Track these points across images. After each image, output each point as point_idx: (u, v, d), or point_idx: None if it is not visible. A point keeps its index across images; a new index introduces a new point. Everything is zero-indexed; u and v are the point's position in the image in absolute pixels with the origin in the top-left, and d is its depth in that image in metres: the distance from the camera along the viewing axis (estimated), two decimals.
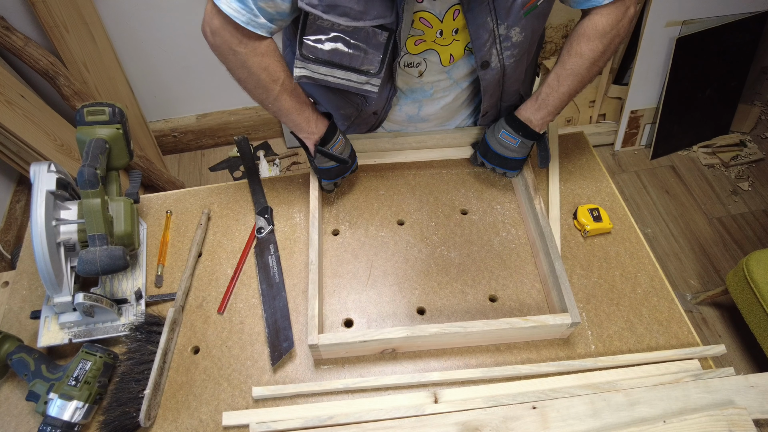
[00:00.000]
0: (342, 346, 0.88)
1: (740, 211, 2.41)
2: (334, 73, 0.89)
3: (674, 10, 2.23)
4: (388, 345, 0.90)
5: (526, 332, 0.91)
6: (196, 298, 1.02)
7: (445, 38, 0.91)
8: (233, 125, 2.60)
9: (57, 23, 1.90)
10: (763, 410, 0.85)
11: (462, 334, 0.88)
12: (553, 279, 0.95)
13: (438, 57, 0.96)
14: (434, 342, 0.91)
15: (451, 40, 0.92)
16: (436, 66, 0.98)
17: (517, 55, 0.95)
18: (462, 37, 0.92)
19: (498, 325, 0.88)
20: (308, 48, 0.86)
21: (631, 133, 2.60)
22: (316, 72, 0.89)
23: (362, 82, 0.91)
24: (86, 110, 0.97)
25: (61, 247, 0.90)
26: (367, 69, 0.88)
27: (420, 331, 0.87)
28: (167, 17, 2.11)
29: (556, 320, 0.88)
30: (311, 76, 0.90)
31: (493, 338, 0.93)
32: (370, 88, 0.92)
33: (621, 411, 0.84)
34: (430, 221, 1.11)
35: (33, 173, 0.89)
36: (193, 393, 0.90)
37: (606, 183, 1.18)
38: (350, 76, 0.90)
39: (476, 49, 0.91)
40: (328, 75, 0.90)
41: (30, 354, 0.87)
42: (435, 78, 1.02)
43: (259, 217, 1.11)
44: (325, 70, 0.89)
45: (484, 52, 0.92)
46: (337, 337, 0.87)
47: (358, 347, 0.89)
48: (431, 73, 1.00)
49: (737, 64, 2.50)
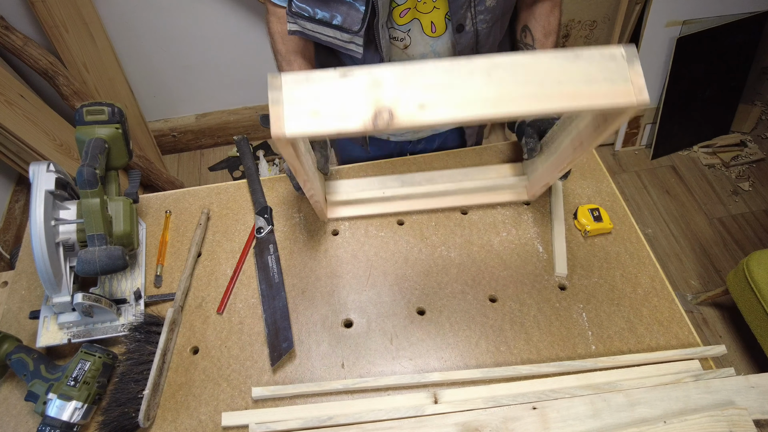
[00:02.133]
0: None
1: (741, 211, 2.40)
2: (324, 30, 0.94)
3: (674, 10, 2.23)
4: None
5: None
6: (196, 298, 1.01)
7: (426, 4, 0.96)
8: (233, 125, 2.60)
9: (56, 23, 1.90)
10: (763, 411, 0.85)
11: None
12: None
13: (420, 26, 1.00)
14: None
15: (431, 7, 0.97)
16: (420, 38, 1.02)
17: (490, 21, 1.00)
18: (442, 5, 0.97)
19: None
20: (297, 4, 0.92)
21: (632, 133, 2.60)
22: (306, 27, 0.95)
23: (346, 41, 0.95)
24: (85, 110, 0.97)
25: (60, 247, 0.89)
26: (349, 27, 0.92)
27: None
28: (167, 17, 2.11)
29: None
30: (303, 32, 0.96)
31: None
32: (354, 47, 0.95)
33: (621, 411, 0.84)
34: (430, 221, 1.11)
35: (32, 173, 0.89)
36: (193, 393, 0.90)
37: (606, 183, 1.18)
38: (336, 33, 0.94)
39: (452, 12, 0.96)
40: (317, 32, 0.95)
41: (29, 354, 0.87)
42: (420, 50, 1.05)
43: (259, 217, 1.11)
44: (312, 26, 0.94)
45: (460, 15, 0.96)
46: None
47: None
48: (416, 46, 1.04)
49: (738, 64, 2.50)
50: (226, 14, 2.14)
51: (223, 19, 2.15)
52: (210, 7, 2.10)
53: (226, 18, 2.15)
